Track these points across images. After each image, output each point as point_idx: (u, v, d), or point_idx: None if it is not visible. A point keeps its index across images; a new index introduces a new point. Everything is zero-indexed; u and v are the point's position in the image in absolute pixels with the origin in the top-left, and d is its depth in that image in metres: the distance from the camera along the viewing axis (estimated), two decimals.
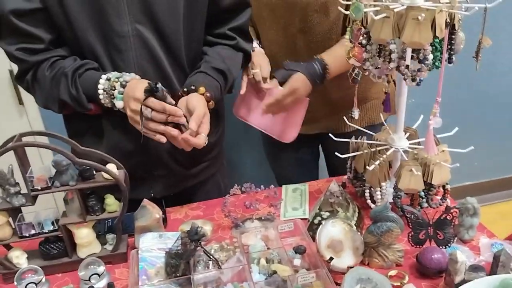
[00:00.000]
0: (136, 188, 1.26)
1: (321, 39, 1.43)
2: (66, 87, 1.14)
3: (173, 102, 1.09)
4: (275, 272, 1.03)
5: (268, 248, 1.12)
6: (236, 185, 1.23)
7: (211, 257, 1.06)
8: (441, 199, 1.20)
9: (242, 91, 1.44)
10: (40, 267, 1.09)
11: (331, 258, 1.02)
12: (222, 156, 1.50)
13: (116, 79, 1.12)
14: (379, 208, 1.05)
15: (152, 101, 1.05)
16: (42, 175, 1.04)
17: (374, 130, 1.34)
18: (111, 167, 1.08)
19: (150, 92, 1.04)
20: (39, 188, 1.04)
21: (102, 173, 1.08)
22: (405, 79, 1.04)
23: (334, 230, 1.06)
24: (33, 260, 1.12)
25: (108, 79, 1.13)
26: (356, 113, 1.18)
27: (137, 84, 1.09)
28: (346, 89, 1.44)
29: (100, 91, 1.13)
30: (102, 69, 1.18)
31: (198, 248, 1.05)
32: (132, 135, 1.23)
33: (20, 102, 2.00)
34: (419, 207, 1.16)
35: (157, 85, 1.04)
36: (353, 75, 1.10)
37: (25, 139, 1.05)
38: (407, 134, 1.28)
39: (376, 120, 1.61)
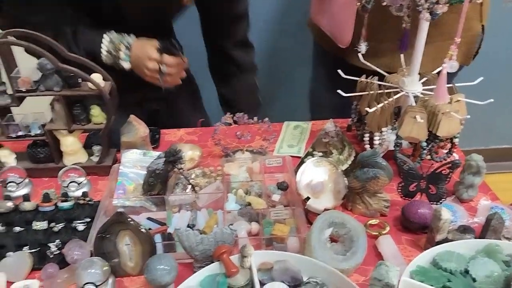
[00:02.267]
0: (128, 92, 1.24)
1: None
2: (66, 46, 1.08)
3: (179, 52, 1.20)
4: (249, 204, 1.00)
5: (251, 180, 1.08)
6: (228, 113, 1.17)
7: (188, 180, 1.04)
8: (446, 153, 1.09)
9: None
10: (28, 169, 1.11)
11: (308, 198, 0.96)
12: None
13: (120, 42, 1.16)
14: (367, 152, 0.96)
15: (169, 58, 1.17)
16: (27, 77, 1.03)
17: (452, 76, 1.15)
18: (97, 77, 1.04)
19: (167, 50, 1.17)
20: (24, 90, 1.03)
21: (89, 82, 1.05)
22: (419, 11, 0.91)
23: (317, 170, 0.99)
24: (22, 162, 1.14)
25: (112, 42, 1.17)
26: (363, 47, 1.06)
27: (145, 45, 1.16)
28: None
29: (104, 52, 1.17)
30: None
31: (176, 170, 1.03)
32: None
33: None
34: (419, 159, 1.06)
35: (172, 43, 1.19)
36: (363, 2, 0.97)
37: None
38: (424, 78, 1.16)
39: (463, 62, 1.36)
